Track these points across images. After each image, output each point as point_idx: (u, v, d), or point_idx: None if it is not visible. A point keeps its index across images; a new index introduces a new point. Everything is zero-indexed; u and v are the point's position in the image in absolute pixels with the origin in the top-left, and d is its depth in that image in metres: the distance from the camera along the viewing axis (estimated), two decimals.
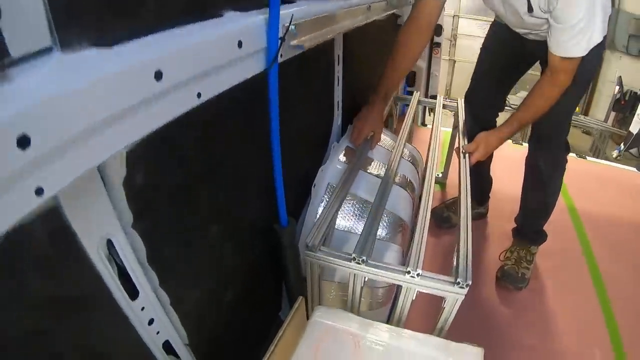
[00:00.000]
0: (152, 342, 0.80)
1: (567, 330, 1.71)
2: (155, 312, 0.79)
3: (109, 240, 0.66)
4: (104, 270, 0.65)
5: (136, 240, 0.72)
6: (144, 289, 0.75)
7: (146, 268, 0.75)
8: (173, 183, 0.80)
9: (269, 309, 1.41)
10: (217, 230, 0.97)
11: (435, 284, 1.08)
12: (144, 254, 0.74)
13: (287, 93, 1.01)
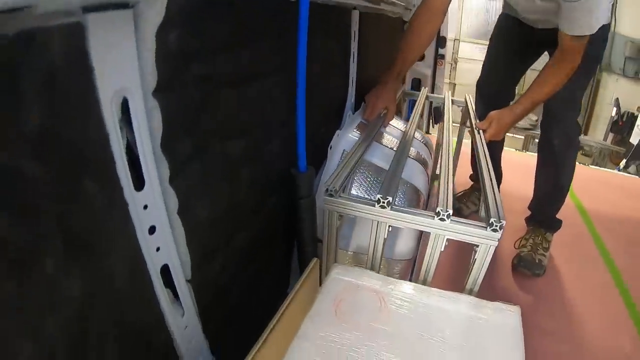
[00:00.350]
0: (150, 259, 0.68)
1: (588, 316, 1.64)
2: (159, 218, 0.69)
3: (125, 102, 0.58)
4: (113, 130, 0.56)
5: (154, 114, 0.63)
6: (151, 180, 0.65)
7: (158, 156, 0.66)
8: (202, 72, 0.73)
9: (278, 279, 1.31)
10: (238, 150, 0.90)
11: (467, 228, 1.00)
12: (159, 136, 0.65)
13: (310, 49, 1.00)
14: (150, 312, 0.72)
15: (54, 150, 0.48)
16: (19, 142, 0.43)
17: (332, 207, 1.07)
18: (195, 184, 0.77)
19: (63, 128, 0.49)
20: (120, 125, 0.58)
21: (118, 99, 0.56)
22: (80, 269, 0.54)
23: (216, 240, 0.88)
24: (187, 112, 0.72)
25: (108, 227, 0.58)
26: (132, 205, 0.62)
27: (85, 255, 0.54)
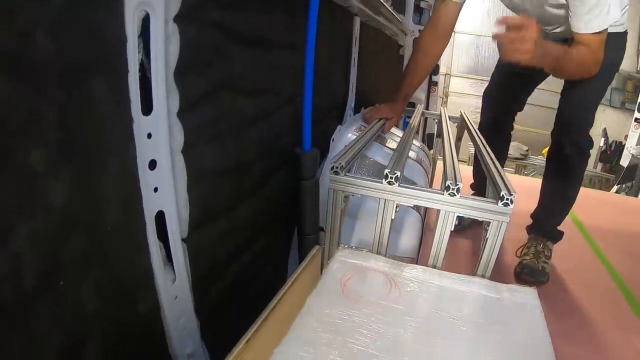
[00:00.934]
0: (147, 198, 0.64)
1: (596, 318, 1.62)
2: (162, 153, 0.65)
3: (146, 19, 0.58)
4: (131, 37, 0.55)
5: (172, 40, 0.63)
6: (160, 107, 0.63)
7: (170, 84, 0.65)
8: (219, 19, 0.75)
9: (276, 267, 1.26)
10: (248, 109, 0.89)
11: (477, 203, 0.97)
12: (174, 64, 0.64)
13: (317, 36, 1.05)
14: (139, 264, 0.65)
15: (72, 32, 0.46)
16: (37, 13, 0.42)
17: (338, 185, 1.04)
18: (203, 125, 0.74)
19: (85, 14, 0.47)
20: (138, 42, 0.57)
21: (141, 12, 0.56)
22: (69, 176, 0.49)
23: (218, 200, 0.84)
24: (203, 52, 0.72)
25: (108, 137, 0.55)
26: (137, 127, 0.59)
27: (78, 160, 0.50)
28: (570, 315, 1.63)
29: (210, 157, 0.78)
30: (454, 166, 1.05)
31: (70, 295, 0.52)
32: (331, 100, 1.52)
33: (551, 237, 1.93)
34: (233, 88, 0.82)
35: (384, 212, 1.02)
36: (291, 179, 1.11)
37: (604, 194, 3.51)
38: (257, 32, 0.90)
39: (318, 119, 1.33)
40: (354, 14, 1.68)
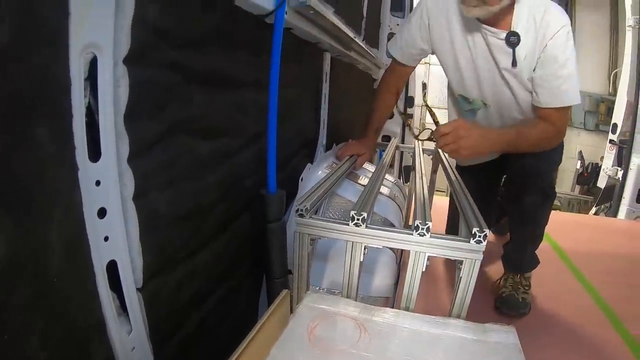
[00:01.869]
0: (96, 248, 0.61)
1: (583, 349, 1.58)
2: (112, 200, 0.63)
3: (94, 61, 0.57)
4: (77, 81, 0.54)
5: (122, 83, 0.62)
6: (109, 153, 0.61)
7: (120, 129, 0.63)
8: (175, 59, 0.74)
9: (244, 313, 1.22)
10: (206, 151, 0.87)
11: (449, 242, 0.96)
12: (124, 108, 0.62)
13: (283, 74, 1.05)
14: (90, 315, 0.62)
15: (12, 75, 0.45)
16: None
17: (304, 229, 1.02)
18: (157, 170, 0.72)
19: (27, 56, 0.46)
20: (85, 85, 0.56)
21: (88, 55, 0.55)
22: (10, 225, 0.47)
23: (176, 247, 0.81)
24: (156, 94, 0.70)
25: (51, 185, 0.52)
26: (83, 174, 0.57)
27: (19, 208, 0.48)
28: (554, 346, 1.60)
29: (164, 203, 0.76)
30: (425, 204, 1.05)
31: (15, 349, 0.49)
32: (301, 137, 1.52)
33: (528, 267, 1.87)
34: (190, 130, 0.80)
35: (352, 255, 1.00)
36: (257, 221, 1.09)
37: (582, 217, 3.55)
38: (218, 71, 0.90)
39: (286, 157, 1.32)
40: (324, 50, 1.70)
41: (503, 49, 1.42)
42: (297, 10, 1.14)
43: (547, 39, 1.36)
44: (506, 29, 1.39)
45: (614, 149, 4.28)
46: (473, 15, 1.35)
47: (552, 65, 1.39)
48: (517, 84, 1.49)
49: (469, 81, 1.60)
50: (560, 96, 1.42)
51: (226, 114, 0.94)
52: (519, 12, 1.37)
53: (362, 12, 2.55)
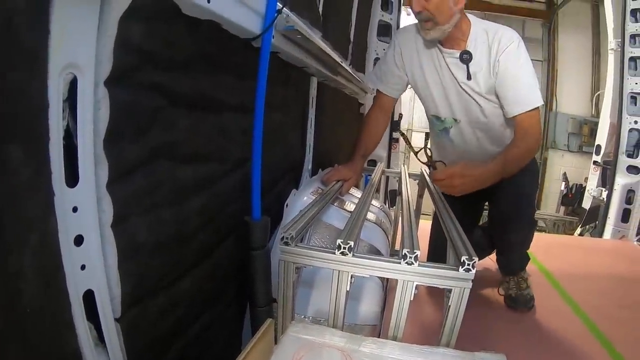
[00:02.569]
0: (72, 276, 0.59)
1: None
2: (89, 228, 0.62)
3: (74, 82, 0.56)
4: (54, 103, 0.53)
5: (102, 105, 0.60)
6: (87, 178, 0.60)
7: (99, 154, 0.62)
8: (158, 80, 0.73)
9: (227, 343, 1.19)
10: (189, 177, 0.85)
11: (437, 271, 0.95)
12: (104, 131, 0.61)
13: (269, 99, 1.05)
14: (66, 346, 0.60)
15: None
16: None
17: (288, 257, 1.01)
18: (136, 197, 0.71)
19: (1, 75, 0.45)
20: (64, 106, 0.55)
21: (68, 75, 0.55)
22: None
23: (156, 275, 0.79)
24: (138, 117, 0.69)
25: (24, 211, 0.51)
26: (60, 200, 0.55)
27: None
28: None
29: (145, 230, 0.74)
30: (412, 232, 1.04)
31: None
32: (286, 162, 1.51)
33: (522, 267, 1.99)
34: (173, 155, 0.79)
35: (338, 284, 0.99)
36: (241, 248, 1.07)
37: (568, 238, 3.61)
38: (203, 94, 0.89)
39: (271, 183, 1.31)
40: (310, 74, 1.71)
41: (459, 65, 1.64)
42: (284, 34, 1.14)
43: (499, 54, 1.57)
44: (461, 49, 1.63)
45: (598, 170, 4.35)
46: (431, 37, 1.60)
47: (507, 76, 1.59)
48: (477, 95, 1.67)
49: (438, 100, 1.79)
50: (522, 101, 1.60)
51: (211, 139, 0.93)
52: (472, 34, 1.62)
53: (349, 37, 2.59)
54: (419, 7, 1.54)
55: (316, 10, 1.65)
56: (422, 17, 1.56)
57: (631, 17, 3.42)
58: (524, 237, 1.84)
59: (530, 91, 1.59)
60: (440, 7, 1.52)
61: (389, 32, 3.52)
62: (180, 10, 0.74)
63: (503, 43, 1.58)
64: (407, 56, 1.77)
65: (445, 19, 1.55)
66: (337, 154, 2.38)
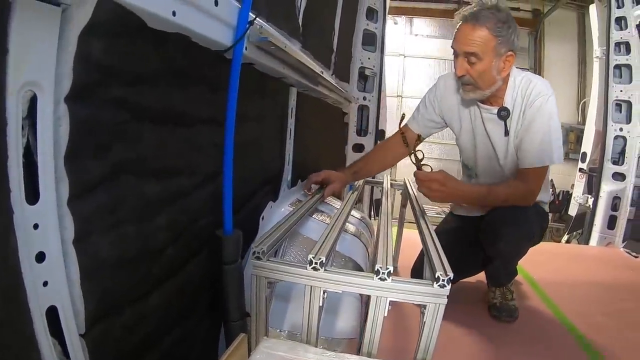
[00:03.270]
0: (34, 293, 0.59)
1: None
2: (51, 244, 0.62)
3: (34, 99, 0.57)
4: (13, 120, 0.53)
5: (63, 122, 0.61)
6: (48, 195, 0.61)
7: (60, 171, 0.62)
8: (122, 95, 0.73)
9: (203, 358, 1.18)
10: (155, 192, 0.85)
11: (411, 287, 0.96)
12: (64, 149, 0.62)
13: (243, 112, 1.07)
14: None
15: None
16: None
17: (260, 272, 1.02)
18: (99, 214, 0.71)
19: None
20: (23, 124, 0.55)
21: (27, 93, 0.55)
22: None
23: (122, 291, 0.79)
24: (100, 133, 0.69)
25: None
26: (20, 217, 0.56)
27: None
28: None
29: (108, 247, 0.73)
30: (387, 246, 1.05)
31: None
32: (263, 175, 1.51)
33: (509, 279, 2.01)
34: (139, 170, 0.79)
35: (310, 299, 1.00)
36: (214, 262, 1.07)
37: (554, 245, 3.67)
38: (172, 107, 0.89)
39: (246, 196, 1.31)
40: (289, 85, 1.72)
41: (496, 121, 1.72)
42: (258, 46, 1.15)
43: (528, 108, 1.65)
44: (499, 105, 1.70)
45: (584, 177, 4.40)
46: (469, 97, 1.68)
47: (529, 129, 1.65)
48: (506, 155, 1.76)
49: (466, 152, 1.91)
50: (534, 156, 1.66)
51: (180, 153, 0.93)
52: (509, 89, 1.68)
53: (332, 46, 2.61)
54: (462, 71, 1.59)
55: (295, 20, 1.67)
56: (464, 80, 1.62)
57: (616, 25, 3.48)
58: (514, 249, 1.78)
59: (545, 148, 1.65)
60: (483, 75, 1.58)
61: (374, 41, 3.55)
62: (146, 24, 0.75)
63: (532, 97, 1.64)
64: (446, 105, 1.86)
65: (487, 86, 1.62)
66: (319, 165, 2.38)
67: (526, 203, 1.71)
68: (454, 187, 1.58)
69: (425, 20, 8.36)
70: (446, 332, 1.71)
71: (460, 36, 1.57)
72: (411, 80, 8.44)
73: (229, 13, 0.97)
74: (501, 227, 1.69)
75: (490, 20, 1.53)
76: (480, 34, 1.53)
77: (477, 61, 1.55)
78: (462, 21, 1.58)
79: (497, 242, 1.70)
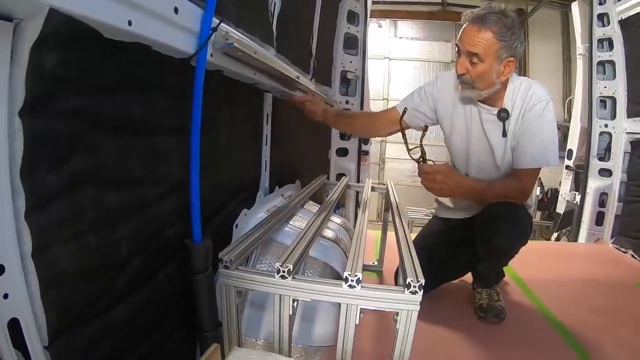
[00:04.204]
0: None
1: None
2: (9, 257, 0.64)
3: None
4: None
5: (17, 135, 0.62)
6: (4, 209, 0.62)
7: (16, 184, 0.63)
8: (79, 106, 0.74)
9: None
10: (117, 203, 0.86)
11: (382, 294, 0.96)
12: (19, 162, 0.63)
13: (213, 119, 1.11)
14: None
15: None
16: None
17: (229, 281, 1.02)
18: (57, 226, 0.71)
19: None
20: None
21: None
22: None
23: (85, 303, 0.79)
24: (56, 145, 0.70)
25: None
26: None
27: None
28: None
29: (68, 259, 0.74)
30: (358, 253, 1.05)
31: None
32: (237, 182, 1.51)
33: (496, 281, 2.06)
34: (98, 181, 0.80)
35: (280, 308, 1.00)
36: (185, 272, 1.08)
37: (541, 244, 3.73)
38: (133, 117, 0.90)
39: (218, 204, 1.31)
40: (265, 90, 1.73)
41: (495, 122, 1.78)
42: (225, 52, 1.16)
43: (527, 112, 1.73)
44: (499, 106, 1.77)
45: (571, 174, 4.44)
46: (467, 95, 1.75)
47: (527, 132, 1.73)
48: (504, 156, 1.82)
49: (458, 153, 1.96)
50: (530, 157, 1.75)
51: (142, 162, 0.93)
52: (509, 91, 1.76)
53: (311, 51, 2.62)
54: (462, 69, 1.66)
55: (268, 25, 1.67)
56: (463, 79, 1.69)
57: (598, 21, 3.52)
58: (511, 245, 1.82)
59: (542, 150, 1.74)
60: (483, 76, 1.65)
61: (356, 44, 3.57)
62: (102, 35, 0.75)
63: (532, 101, 1.72)
64: (442, 102, 1.92)
65: (484, 87, 1.69)
66: (301, 169, 2.39)
67: (520, 200, 1.81)
68: (458, 180, 1.66)
69: (410, 23, 8.43)
70: (432, 334, 1.75)
71: (465, 36, 1.64)
72: (397, 83, 8.50)
73: (191, 20, 0.97)
74: (498, 223, 1.74)
75: (496, 24, 1.59)
76: (484, 36, 1.59)
77: (479, 62, 1.62)
78: (468, 22, 1.65)
79: (494, 238, 1.75)
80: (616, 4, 3.38)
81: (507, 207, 1.76)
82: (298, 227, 1.52)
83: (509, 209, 1.76)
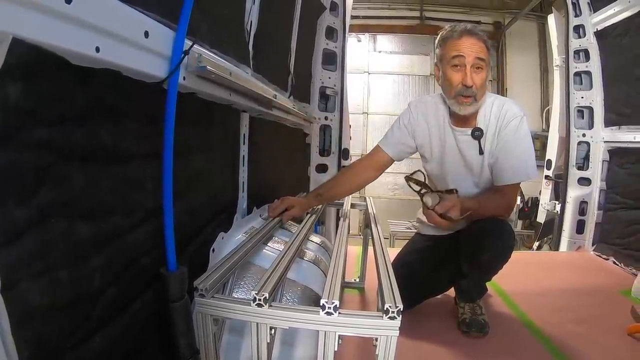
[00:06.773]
0: None
1: None
2: None
3: None
4: None
5: None
6: None
7: None
8: (46, 138, 0.73)
9: None
10: (89, 234, 0.85)
11: (360, 320, 0.96)
12: None
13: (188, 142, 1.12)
14: None
15: None
16: None
17: (205, 309, 1.02)
18: (26, 261, 0.70)
19: None
20: None
21: None
22: None
23: (58, 337, 0.78)
24: (23, 178, 0.69)
25: None
26: None
27: None
28: None
29: (38, 294, 0.73)
30: (336, 279, 1.05)
31: None
32: (213, 205, 1.51)
33: (479, 295, 2.07)
34: (69, 212, 0.79)
35: (258, 337, 0.99)
36: (161, 301, 1.07)
37: (523, 254, 3.79)
38: (103, 145, 0.89)
39: (194, 229, 1.31)
40: (241, 110, 1.74)
41: (470, 142, 1.83)
42: (199, 75, 1.16)
43: (502, 129, 1.79)
44: (472, 126, 1.82)
45: (550, 184, 4.52)
46: (468, 112, 1.77)
47: (504, 148, 1.79)
48: (481, 174, 1.89)
49: (436, 178, 2.01)
50: (511, 173, 1.81)
51: (114, 191, 0.92)
52: (481, 110, 1.82)
53: (288, 68, 2.64)
54: (478, 80, 1.71)
55: (244, 45, 1.69)
56: (469, 92, 1.71)
57: (574, 33, 3.60)
58: (497, 260, 1.84)
59: (521, 166, 1.81)
60: (484, 83, 1.74)
61: (334, 60, 3.60)
62: (69, 62, 0.75)
63: (507, 118, 1.79)
64: (419, 129, 1.96)
65: (480, 97, 1.76)
66: (280, 189, 2.39)
67: (505, 216, 1.90)
68: (466, 207, 1.66)
69: (389, 37, 8.51)
70: (416, 350, 1.76)
71: (467, 45, 1.69)
72: (376, 97, 8.55)
73: (162, 43, 0.97)
74: (485, 239, 1.77)
75: (485, 37, 1.72)
76: (482, 45, 1.70)
77: (485, 68, 1.71)
78: (462, 34, 1.70)
79: (481, 254, 1.77)
80: (592, 15, 3.47)
81: (491, 223, 1.80)
82: (277, 249, 1.52)
83: (494, 224, 1.80)
